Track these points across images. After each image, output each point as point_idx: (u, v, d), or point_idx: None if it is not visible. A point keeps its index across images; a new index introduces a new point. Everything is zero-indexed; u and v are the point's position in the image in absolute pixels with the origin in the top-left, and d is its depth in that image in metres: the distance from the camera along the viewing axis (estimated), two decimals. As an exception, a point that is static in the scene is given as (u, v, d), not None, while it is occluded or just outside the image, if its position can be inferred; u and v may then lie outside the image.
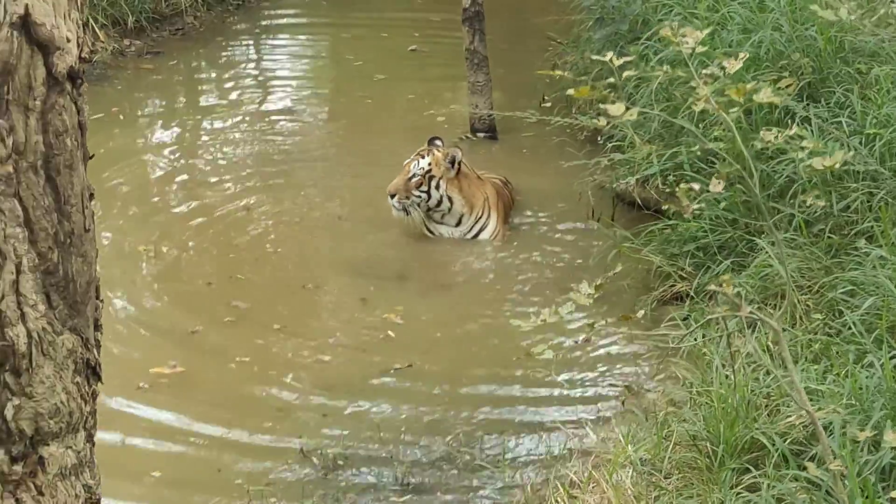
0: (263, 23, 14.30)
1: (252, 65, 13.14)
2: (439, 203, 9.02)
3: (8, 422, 2.97)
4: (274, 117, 11.60)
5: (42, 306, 2.96)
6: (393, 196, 8.91)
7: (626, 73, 4.21)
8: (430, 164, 9.00)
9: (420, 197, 8.95)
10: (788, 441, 5.52)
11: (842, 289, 6.49)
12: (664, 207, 8.42)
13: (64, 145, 2.94)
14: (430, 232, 9.14)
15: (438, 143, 9.34)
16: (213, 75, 12.86)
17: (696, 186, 4.45)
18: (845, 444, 5.01)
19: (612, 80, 4.15)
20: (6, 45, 2.82)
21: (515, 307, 8.06)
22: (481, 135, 10.84)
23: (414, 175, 8.96)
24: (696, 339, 6.59)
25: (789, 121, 7.75)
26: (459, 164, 9.09)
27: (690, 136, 8.33)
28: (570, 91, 4.12)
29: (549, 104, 11.10)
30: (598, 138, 10.36)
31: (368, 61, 12.71)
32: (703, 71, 4.33)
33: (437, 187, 9.00)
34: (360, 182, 9.94)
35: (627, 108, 4.13)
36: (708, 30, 4.67)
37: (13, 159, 2.87)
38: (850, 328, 6.18)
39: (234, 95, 12.16)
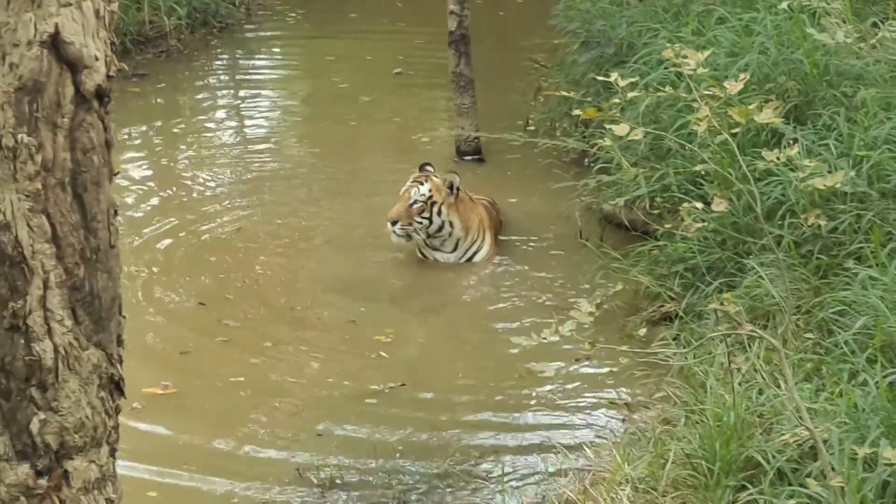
0: (247, 45, 14.36)
1: (237, 87, 13.18)
2: (440, 228, 9.05)
3: (34, 436, 3.00)
4: (260, 139, 11.66)
5: (69, 321, 2.99)
6: (395, 223, 8.92)
7: (630, 95, 4.27)
8: (430, 191, 9.04)
9: (421, 223, 8.99)
10: (783, 459, 5.57)
11: (832, 308, 6.55)
12: (652, 228, 8.50)
13: (91, 162, 2.97)
14: (424, 256, 9.18)
15: (430, 168, 9.39)
16: (198, 97, 12.91)
17: (700, 206, 4.50)
18: (843, 462, 5.06)
19: (616, 100, 4.21)
20: (36, 64, 2.86)
21: (507, 328, 8.09)
22: (467, 157, 10.89)
23: (415, 201, 8.99)
24: (688, 358, 6.65)
25: (775, 143, 7.84)
26: (458, 189, 9.14)
27: (678, 158, 8.41)
28: (577, 112, 4.18)
29: (533, 127, 11.19)
30: (585, 160, 10.44)
31: (353, 83, 12.76)
32: (705, 92, 4.39)
33: (439, 213, 9.04)
34: (348, 204, 9.98)
35: (631, 129, 4.18)
36: (708, 52, 4.75)
37: (41, 176, 2.91)
38: (840, 347, 6.25)
39: (219, 117, 12.22)
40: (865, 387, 5.74)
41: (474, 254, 9.16)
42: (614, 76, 4.31)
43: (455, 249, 9.14)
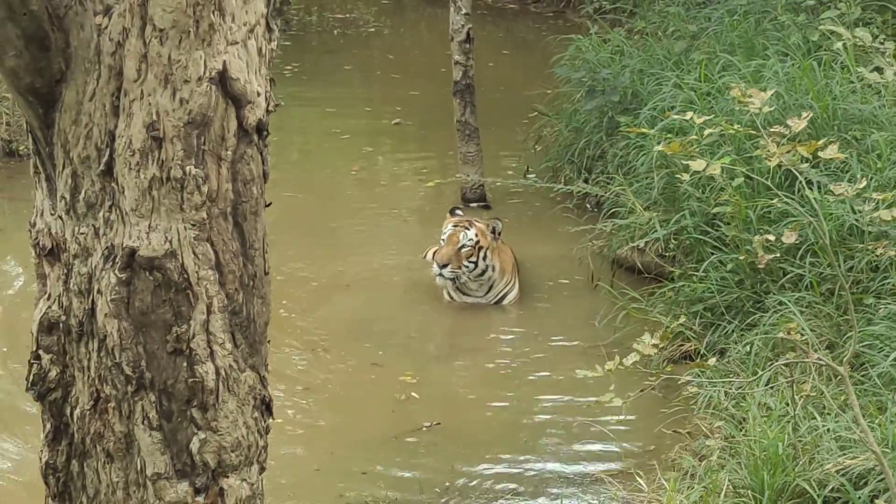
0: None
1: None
2: (483, 273, 9.22)
3: (193, 455, 3.13)
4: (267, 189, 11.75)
5: (229, 345, 3.13)
6: (444, 266, 9.08)
7: (707, 132, 4.46)
8: (476, 235, 9.20)
9: (468, 267, 9.16)
10: (829, 489, 5.76)
11: (863, 343, 6.76)
12: (667, 271, 8.71)
13: (251, 193, 3.13)
14: (452, 298, 9.31)
15: (459, 212, 9.58)
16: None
17: (773, 237, 4.69)
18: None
19: (693, 136, 4.40)
20: (204, 99, 3.01)
21: (529, 368, 8.26)
22: (473, 204, 11.05)
23: (464, 246, 9.15)
24: (716, 391, 6.83)
25: (788, 185, 8.06)
26: (499, 234, 9.33)
27: (693, 201, 8.63)
28: (658, 147, 4.37)
29: (533, 174, 11.40)
30: (587, 205, 10.67)
31: (354, 134, 12.93)
32: (771, 129, 4.60)
33: (485, 257, 9.21)
34: (357, 249, 10.13)
35: (708, 164, 4.37)
36: (771, 91, 4.96)
37: (206, 206, 3.06)
38: (873, 380, 6.46)
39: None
40: (904, 416, 5.94)
41: (504, 296, 9.33)
42: (690, 115, 4.53)
43: (489, 292, 9.31)
